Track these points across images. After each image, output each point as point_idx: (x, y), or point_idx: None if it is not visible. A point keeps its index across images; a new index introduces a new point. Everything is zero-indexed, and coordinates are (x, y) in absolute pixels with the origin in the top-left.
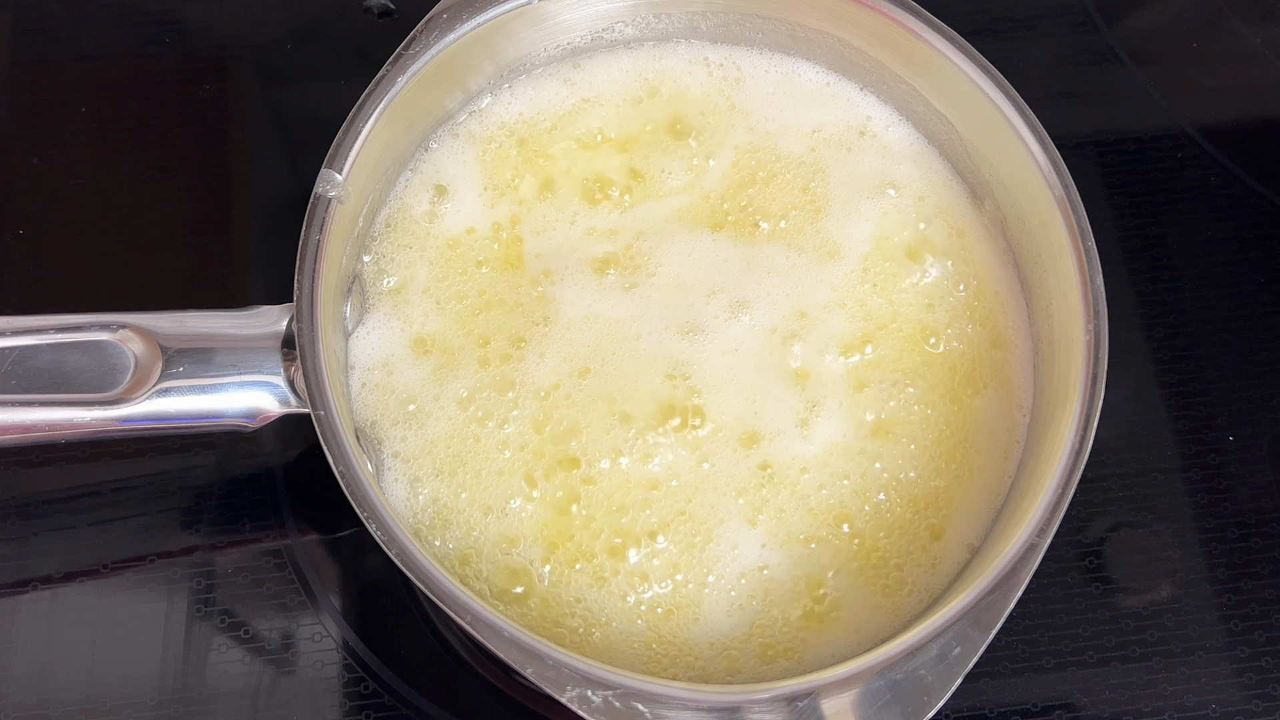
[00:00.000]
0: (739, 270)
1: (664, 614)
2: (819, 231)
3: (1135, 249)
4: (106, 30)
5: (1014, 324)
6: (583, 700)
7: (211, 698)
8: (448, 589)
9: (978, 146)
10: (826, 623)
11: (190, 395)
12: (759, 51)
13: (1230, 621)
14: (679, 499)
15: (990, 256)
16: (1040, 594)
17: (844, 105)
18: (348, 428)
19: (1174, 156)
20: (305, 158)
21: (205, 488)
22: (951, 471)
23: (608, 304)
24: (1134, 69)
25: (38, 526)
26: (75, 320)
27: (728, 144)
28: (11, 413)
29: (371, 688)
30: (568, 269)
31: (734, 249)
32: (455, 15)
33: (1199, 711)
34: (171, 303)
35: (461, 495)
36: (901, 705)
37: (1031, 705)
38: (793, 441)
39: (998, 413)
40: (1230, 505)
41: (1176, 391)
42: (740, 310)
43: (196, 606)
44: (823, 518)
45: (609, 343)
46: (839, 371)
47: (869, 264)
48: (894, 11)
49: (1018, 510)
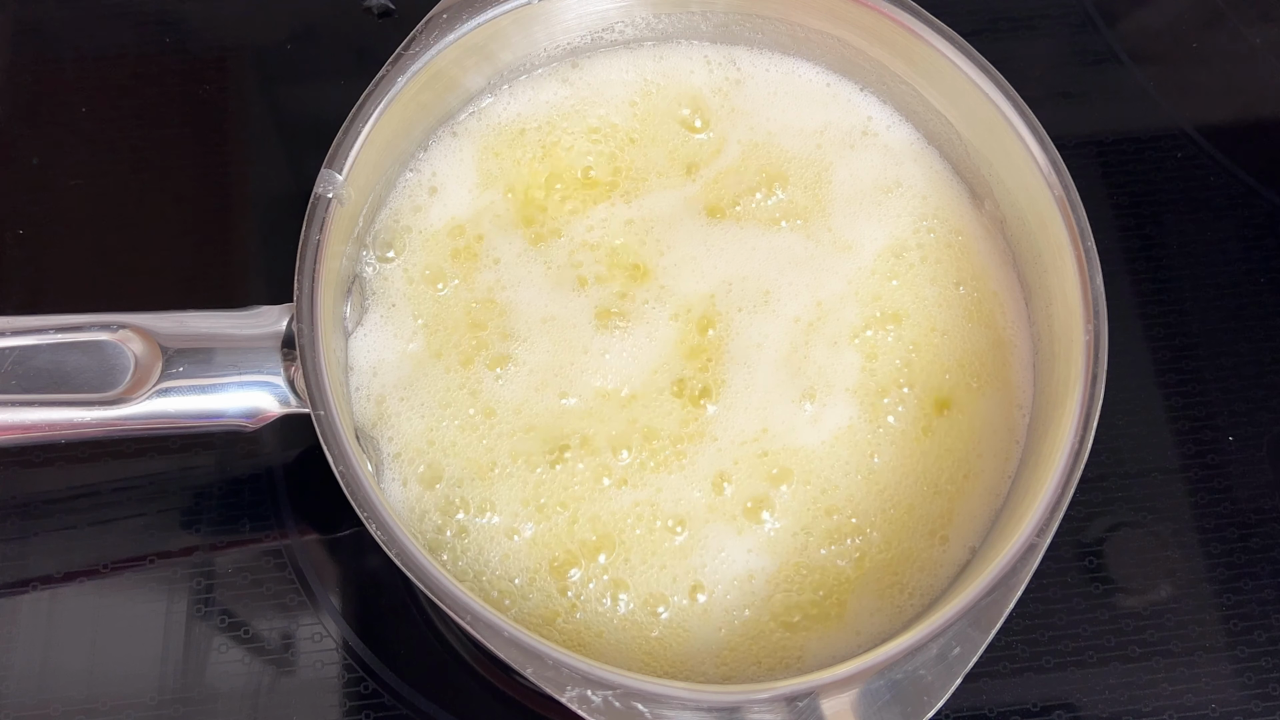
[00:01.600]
0: (737, 265)
1: (663, 615)
2: (817, 231)
3: (1135, 249)
4: (106, 30)
5: (1014, 324)
6: (583, 700)
7: (211, 698)
8: (448, 589)
9: (978, 146)
10: (826, 624)
11: (190, 395)
12: (759, 51)
13: (1230, 621)
14: (679, 499)
15: (990, 256)
16: (1040, 594)
17: (845, 105)
18: (348, 428)
19: (1174, 156)
20: (305, 158)
21: (205, 488)
22: (952, 471)
23: (608, 300)
24: (1134, 69)
25: (38, 526)
26: (75, 320)
27: (730, 142)
28: (11, 413)
29: (371, 688)
30: (567, 267)
31: (731, 244)
32: (455, 15)
33: (1199, 711)
34: (171, 303)
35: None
36: (901, 705)
37: (1031, 705)
38: (792, 441)
39: (998, 413)
40: (1230, 505)
41: (1176, 391)
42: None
43: (196, 606)
44: (823, 518)
45: (609, 343)
46: (839, 372)
47: (869, 263)
48: (894, 11)
49: (1018, 510)
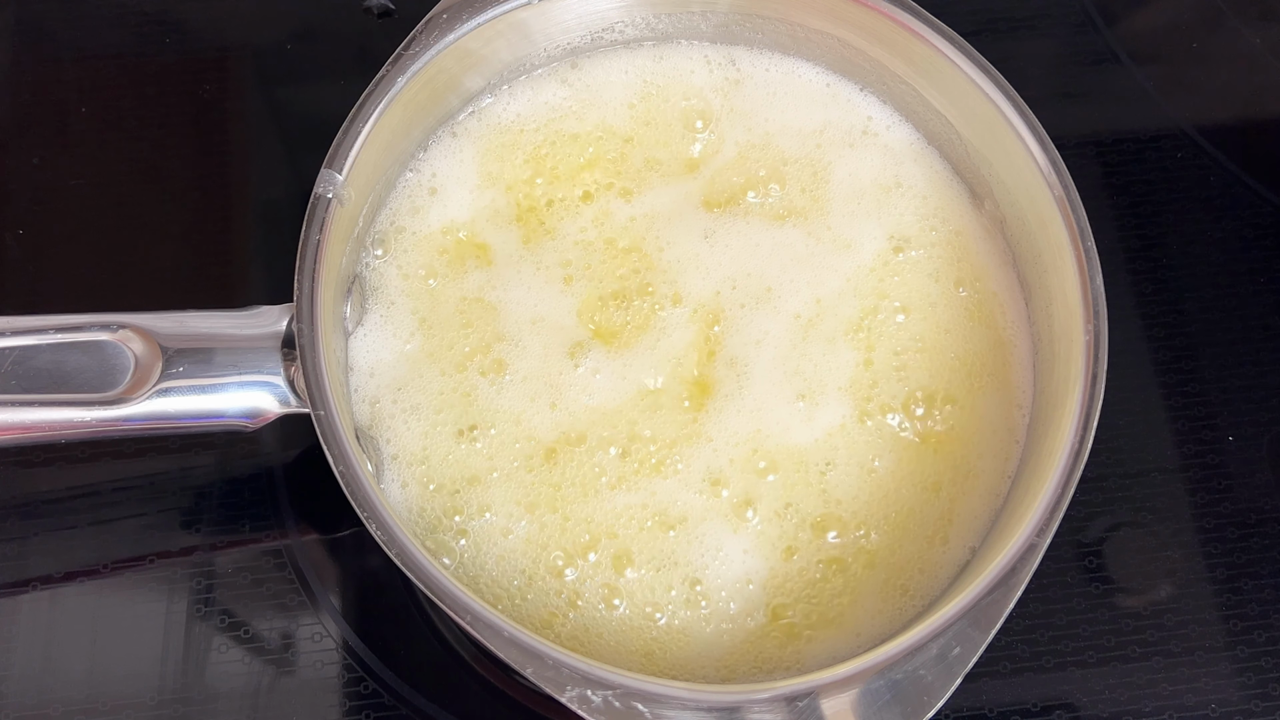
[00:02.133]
0: (740, 262)
1: (661, 617)
2: (817, 229)
3: (1135, 249)
4: (106, 30)
5: (1014, 324)
6: (583, 700)
7: (211, 698)
8: (448, 589)
9: (978, 146)
10: (826, 624)
11: (190, 395)
12: (759, 51)
13: (1230, 621)
14: (676, 500)
15: (990, 256)
16: (1040, 594)
17: (845, 106)
18: (348, 428)
19: (1174, 156)
20: (305, 158)
21: (205, 488)
22: (951, 472)
23: (606, 299)
24: (1134, 69)
25: (38, 526)
26: (75, 320)
27: (729, 141)
28: (11, 413)
29: (371, 688)
30: (565, 266)
31: (735, 240)
32: (455, 15)
33: (1199, 711)
34: (171, 303)
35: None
36: (901, 705)
37: (1031, 705)
38: (790, 441)
39: (997, 413)
40: (1230, 505)
41: (1176, 391)
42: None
43: (196, 606)
44: (822, 519)
45: (606, 342)
46: (838, 371)
47: (869, 262)
48: (894, 11)
49: (1018, 510)
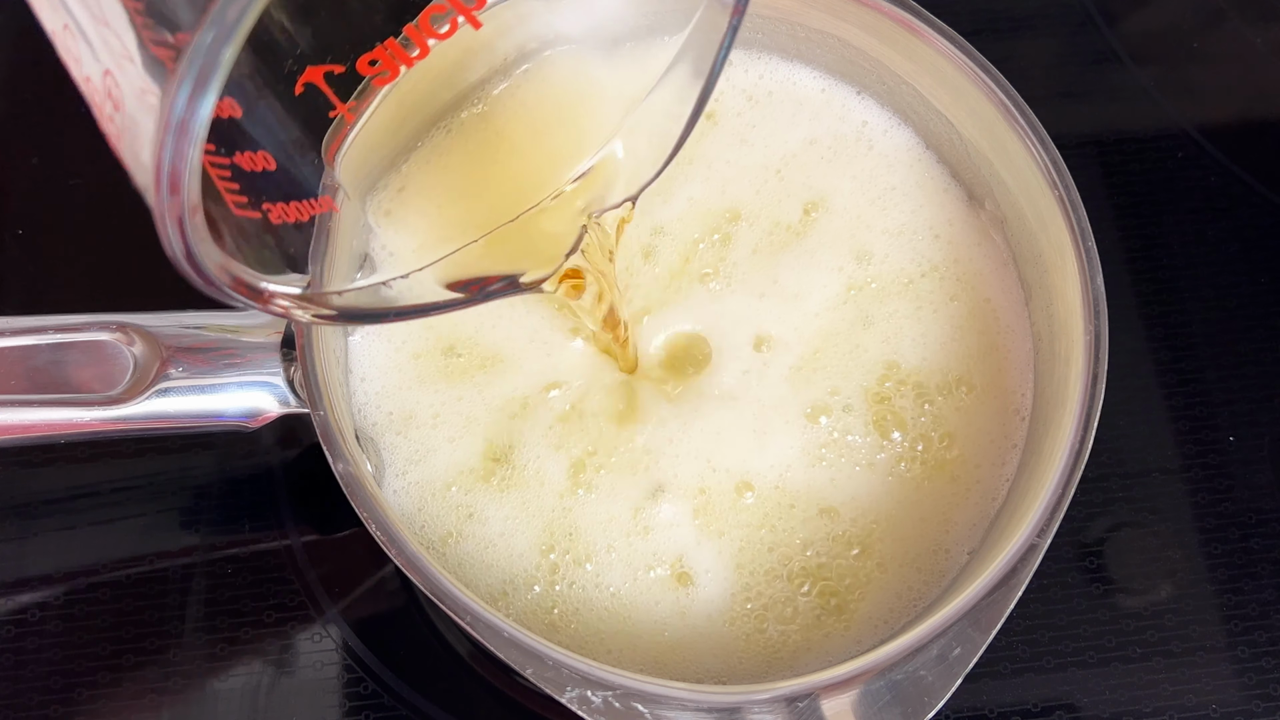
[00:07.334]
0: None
1: (661, 617)
2: (814, 236)
3: (1135, 249)
4: None
5: (1014, 324)
6: (583, 700)
7: (211, 698)
8: (448, 589)
9: (978, 147)
10: (826, 626)
11: (190, 395)
12: (757, 53)
13: (1230, 622)
14: (675, 500)
15: (989, 258)
16: (1040, 594)
17: (840, 110)
18: (348, 428)
19: (1174, 156)
20: None
21: (205, 488)
22: (951, 473)
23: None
24: (1134, 69)
25: (38, 526)
26: (75, 320)
27: (728, 142)
28: (11, 413)
29: (371, 688)
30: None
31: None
32: None
33: (1199, 712)
34: (171, 303)
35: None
36: (901, 706)
37: (1031, 705)
38: (788, 442)
39: (997, 414)
40: (1230, 505)
41: (1176, 391)
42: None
43: (196, 607)
44: (821, 521)
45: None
46: (837, 372)
47: (866, 268)
48: (894, 11)
49: (1018, 511)
